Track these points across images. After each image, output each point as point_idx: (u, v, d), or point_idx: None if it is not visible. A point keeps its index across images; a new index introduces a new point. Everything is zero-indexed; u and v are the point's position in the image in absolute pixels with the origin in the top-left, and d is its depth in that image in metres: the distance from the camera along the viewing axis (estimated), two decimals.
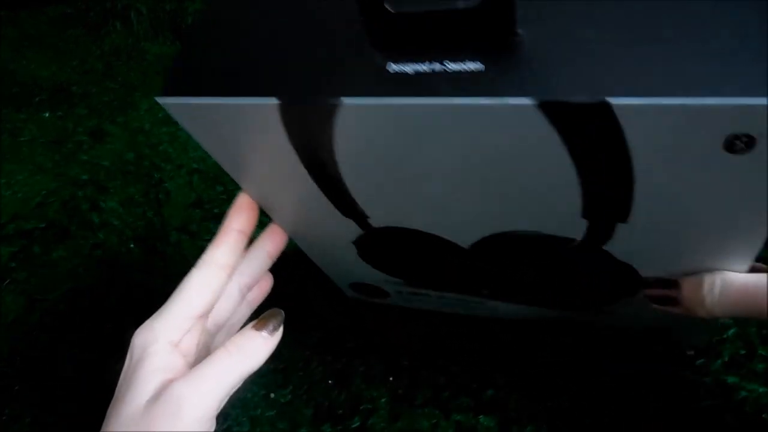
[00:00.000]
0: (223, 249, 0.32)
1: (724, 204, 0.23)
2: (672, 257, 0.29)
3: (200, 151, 0.61)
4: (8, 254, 0.50)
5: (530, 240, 0.29)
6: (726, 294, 0.27)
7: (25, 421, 0.38)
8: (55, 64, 0.76)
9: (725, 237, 0.26)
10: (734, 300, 0.27)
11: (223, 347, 0.29)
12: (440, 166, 0.25)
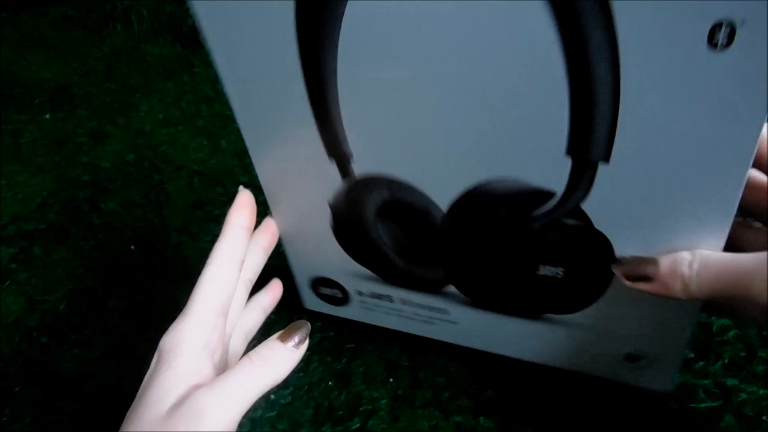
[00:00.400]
0: (231, 243, 0.33)
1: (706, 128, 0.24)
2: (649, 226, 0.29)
3: (201, 153, 0.61)
4: (9, 255, 0.50)
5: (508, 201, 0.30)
6: (705, 270, 0.27)
7: (25, 421, 0.38)
8: (56, 66, 0.76)
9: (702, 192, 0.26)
10: (713, 277, 0.27)
11: (248, 357, 0.29)
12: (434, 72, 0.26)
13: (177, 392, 0.27)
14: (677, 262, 0.28)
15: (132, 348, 0.43)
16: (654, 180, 0.27)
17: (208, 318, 0.30)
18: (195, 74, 0.73)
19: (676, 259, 0.28)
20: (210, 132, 0.63)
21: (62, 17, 0.86)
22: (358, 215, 0.35)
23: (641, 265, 0.30)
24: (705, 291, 0.28)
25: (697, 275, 0.28)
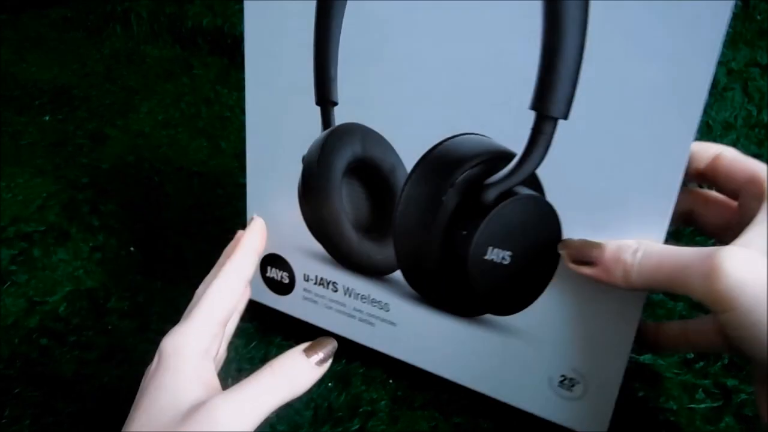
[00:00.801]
0: (243, 261, 0.34)
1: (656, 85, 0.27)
2: (597, 206, 0.29)
3: (200, 154, 0.61)
4: (8, 257, 0.50)
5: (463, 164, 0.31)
6: (647, 260, 0.28)
7: (24, 423, 0.38)
8: (55, 67, 0.76)
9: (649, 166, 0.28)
10: (654, 267, 0.28)
11: (269, 367, 0.29)
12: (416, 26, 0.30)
13: (190, 397, 0.27)
14: (621, 249, 0.29)
15: (132, 349, 0.43)
16: (606, 148, 0.28)
17: (211, 327, 0.31)
18: (194, 76, 0.73)
19: (621, 246, 0.29)
20: (210, 133, 0.63)
21: (62, 19, 0.86)
22: (326, 169, 0.35)
23: (587, 248, 0.30)
24: (645, 281, 0.28)
25: (639, 264, 0.28)
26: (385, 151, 0.34)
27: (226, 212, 0.55)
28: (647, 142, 0.28)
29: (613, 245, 0.29)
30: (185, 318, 0.31)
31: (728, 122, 0.57)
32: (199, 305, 0.31)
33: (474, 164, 0.31)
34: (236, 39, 0.76)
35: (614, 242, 0.29)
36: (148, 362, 0.42)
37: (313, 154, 0.36)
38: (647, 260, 0.28)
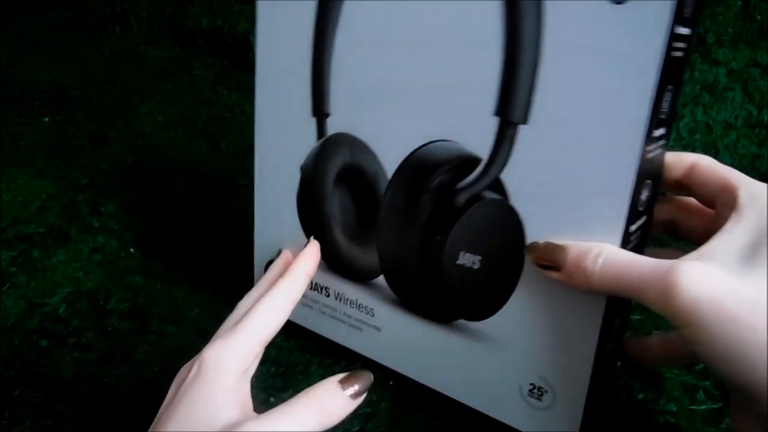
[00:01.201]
0: (294, 284, 0.33)
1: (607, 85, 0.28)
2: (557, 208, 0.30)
3: (200, 155, 0.61)
4: (8, 258, 0.50)
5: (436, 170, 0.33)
6: (608, 266, 0.28)
7: (25, 424, 0.38)
8: (55, 68, 0.76)
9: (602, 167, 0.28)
10: (615, 275, 0.28)
11: (305, 396, 0.29)
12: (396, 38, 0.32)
13: (226, 416, 0.27)
14: (582, 255, 0.29)
15: (132, 351, 0.43)
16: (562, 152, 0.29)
17: (255, 346, 0.31)
18: (194, 76, 0.73)
19: (582, 252, 0.29)
20: (209, 134, 0.63)
21: (61, 20, 0.87)
22: (318, 177, 0.37)
23: (551, 251, 0.30)
24: (606, 288, 0.28)
25: (600, 271, 0.28)
26: (370, 160, 0.35)
27: (226, 212, 0.55)
28: (599, 145, 0.29)
29: (575, 250, 0.29)
30: (230, 331, 0.31)
31: (728, 122, 0.57)
32: (245, 321, 0.31)
33: (445, 170, 0.33)
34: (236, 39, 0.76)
35: (577, 246, 0.29)
36: (148, 363, 0.42)
37: (307, 163, 0.38)
38: (608, 268, 0.28)
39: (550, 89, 0.29)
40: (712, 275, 0.26)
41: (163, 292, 0.47)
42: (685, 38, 0.28)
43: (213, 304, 0.46)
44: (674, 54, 0.27)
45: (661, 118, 0.29)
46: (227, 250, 0.51)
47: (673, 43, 0.27)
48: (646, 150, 0.28)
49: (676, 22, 0.26)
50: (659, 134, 0.29)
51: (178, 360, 0.31)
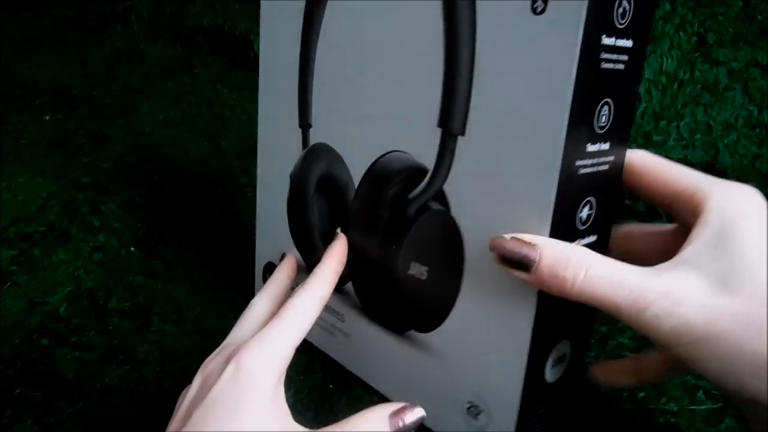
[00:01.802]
0: (323, 284, 0.33)
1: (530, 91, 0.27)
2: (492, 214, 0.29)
3: (201, 154, 0.61)
4: (9, 257, 0.50)
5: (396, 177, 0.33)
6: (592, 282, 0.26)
7: (26, 423, 0.38)
8: (56, 67, 0.76)
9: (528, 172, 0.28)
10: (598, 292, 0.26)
11: (350, 425, 0.29)
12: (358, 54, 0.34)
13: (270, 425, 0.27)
14: (562, 262, 0.27)
15: (132, 350, 0.43)
16: (495, 164, 0.29)
17: (288, 350, 0.30)
18: (195, 75, 0.73)
19: (561, 258, 0.27)
20: (210, 133, 0.63)
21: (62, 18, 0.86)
22: (300, 185, 0.38)
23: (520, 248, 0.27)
24: (583, 299, 0.27)
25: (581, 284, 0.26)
26: (342, 170, 0.36)
27: (227, 211, 0.55)
28: (525, 159, 0.28)
29: (550, 253, 0.27)
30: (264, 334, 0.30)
31: (729, 122, 0.57)
32: (278, 323, 0.30)
33: (400, 181, 0.33)
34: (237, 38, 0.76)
35: (552, 249, 0.27)
36: (148, 362, 0.42)
37: (293, 171, 0.39)
38: (591, 284, 0.26)
39: (481, 101, 0.29)
40: (697, 293, 0.25)
41: (163, 292, 0.47)
42: (622, 50, 0.27)
43: (214, 304, 0.46)
44: (606, 66, 0.27)
45: (599, 133, 0.28)
46: (228, 249, 0.51)
47: (601, 54, 0.26)
48: (574, 165, 0.27)
49: (603, 32, 0.26)
50: (597, 149, 0.28)
51: (179, 359, 0.31)
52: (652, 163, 0.30)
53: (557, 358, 0.31)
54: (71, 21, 0.86)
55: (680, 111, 0.56)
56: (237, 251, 0.51)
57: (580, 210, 0.29)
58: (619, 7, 0.26)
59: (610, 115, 0.28)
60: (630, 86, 0.28)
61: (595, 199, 0.29)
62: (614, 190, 0.30)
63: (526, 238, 0.28)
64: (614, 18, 0.26)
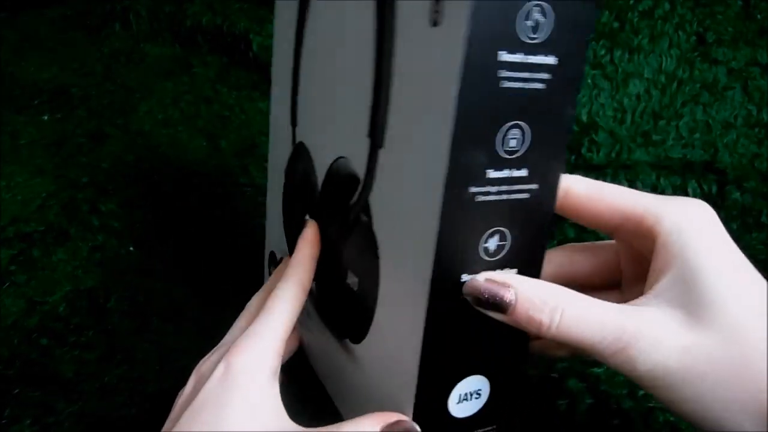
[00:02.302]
0: (300, 269, 0.33)
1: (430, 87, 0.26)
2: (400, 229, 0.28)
3: (200, 154, 0.61)
4: (8, 257, 0.50)
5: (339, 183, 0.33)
6: (568, 325, 0.26)
7: (25, 423, 0.38)
8: (54, 66, 0.76)
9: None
10: (574, 335, 0.26)
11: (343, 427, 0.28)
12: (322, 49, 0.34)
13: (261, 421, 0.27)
14: (538, 306, 0.26)
15: (132, 349, 0.43)
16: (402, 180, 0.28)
17: (278, 344, 0.30)
18: (194, 74, 0.73)
19: (536, 302, 0.26)
20: (209, 132, 0.63)
21: (61, 18, 0.86)
22: (287, 183, 0.39)
23: (495, 292, 0.27)
24: (560, 340, 0.26)
25: (557, 329, 0.26)
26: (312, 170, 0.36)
27: (226, 211, 0.55)
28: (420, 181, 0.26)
29: (525, 297, 0.26)
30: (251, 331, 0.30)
31: (728, 121, 0.57)
32: (264, 318, 0.30)
33: (342, 187, 0.33)
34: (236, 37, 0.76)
35: (527, 291, 0.26)
36: (148, 362, 0.42)
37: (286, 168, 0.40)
38: (567, 328, 0.26)
39: (391, 116, 0.28)
40: (671, 333, 0.25)
41: (163, 291, 0.47)
42: (539, 67, 0.25)
43: (213, 303, 0.46)
44: (511, 85, 0.24)
45: (508, 158, 0.26)
46: (227, 248, 0.51)
47: (500, 72, 0.24)
48: (466, 192, 0.25)
49: (501, 48, 0.23)
50: (507, 176, 0.26)
51: (178, 359, 0.31)
52: (593, 188, 0.30)
53: (468, 393, 0.30)
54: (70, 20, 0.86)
55: (679, 110, 0.56)
56: (237, 250, 0.51)
57: (484, 240, 0.27)
58: (526, 19, 0.24)
59: (524, 139, 0.26)
60: (557, 108, 0.26)
61: (508, 230, 0.27)
62: (540, 220, 0.28)
63: (498, 278, 0.27)
64: (518, 32, 0.24)
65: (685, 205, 0.28)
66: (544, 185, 0.27)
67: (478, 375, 0.30)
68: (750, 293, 0.26)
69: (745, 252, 0.27)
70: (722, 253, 0.27)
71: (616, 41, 0.56)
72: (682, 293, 0.26)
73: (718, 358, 0.25)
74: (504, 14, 0.23)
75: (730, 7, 0.59)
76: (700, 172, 0.54)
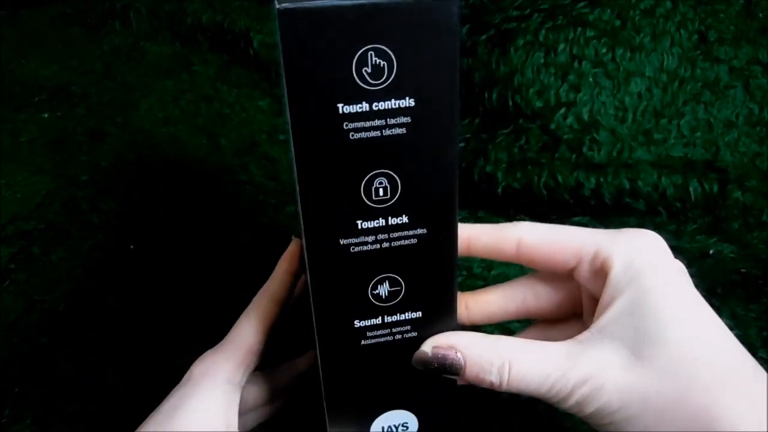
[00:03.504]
0: (274, 283, 0.33)
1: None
2: None
3: (200, 152, 0.61)
4: (8, 255, 0.50)
5: None
6: (516, 381, 0.27)
7: (25, 422, 0.38)
8: (54, 64, 0.76)
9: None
10: (525, 388, 0.27)
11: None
12: None
13: (208, 426, 0.28)
14: (485, 369, 0.27)
15: (132, 348, 0.43)
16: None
17: (243, 356, 0.30)
18: (194, 72, 0.73)
19: (483, 364, 0.27)
20: (210, 131, 0.63)
21: (61, 15, 0.86)
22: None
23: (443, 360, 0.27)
24: (514, 392, 0.27)
25: (507, 386, 0.27)
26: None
27: (226, 210, 0.55)
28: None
29: (472, 360, 0.27)
30: (220, 344, 0.31)
31: (730, 120, 0.57)
32: (233, 330, 0.31)
33: None
34: (236, 35, 0.75)
35: (473, 354, 0.27)
36: (148, 362, 0.42)
37: None
38: (516, 383, 0.27)
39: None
40: (614, 373, 0.26)
41: (163, 290, 0.47)
42: (393, 113, 0.23)
43: (213, 302, 0.46)
44: (361, 136, 0.23)
45: (379, 207, 0.25)
46: (228, 247, 0.51)
47: (345, 124, 0.23)
48: (336, 244, 0.25)
49: (338, 101, 0.22)
50: (382, 225, 0.26)
51: (179, 358, 0.31)
52: (545, 232, 0.30)
53: (392, 426, 0.31)
54: (70, 18, 0.85)
55: (681, 109, 0.56)
56: (237, 248, 0.51)
57: (372, 288, 0.27)
58: (362, 66, 0.22)
59: (394, 186, 0.25)
60: (428, 150, 0.24)
61: (400, 276, 0.27)
62: (438, 263, 0.27)
63: (443, 343, 0.28)
64: (357, 80, 0.22)
65: (637, 237, 0.29)
66: (434, 229, 0.26)
67: (399, 410, 0.30)
68: (695, 327, 0.26)
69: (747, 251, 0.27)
70: (668, 288, 0.27)
71: (617, 39, 0.56)
72: (627, 328, 0.26)
73: (658, 395, 0.25)
74: (335, 66, 0.22)
75: (732, 6, 0.59)
76: (701, 170, 0.54)
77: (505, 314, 0.33)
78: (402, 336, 0.29)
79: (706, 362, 0.25)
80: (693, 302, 0.27)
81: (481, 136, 0.58)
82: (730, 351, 0.26)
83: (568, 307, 0.32)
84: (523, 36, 0.57)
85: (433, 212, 0.26)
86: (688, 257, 0.48)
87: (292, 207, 0.55)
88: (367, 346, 0.28)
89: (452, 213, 0.26)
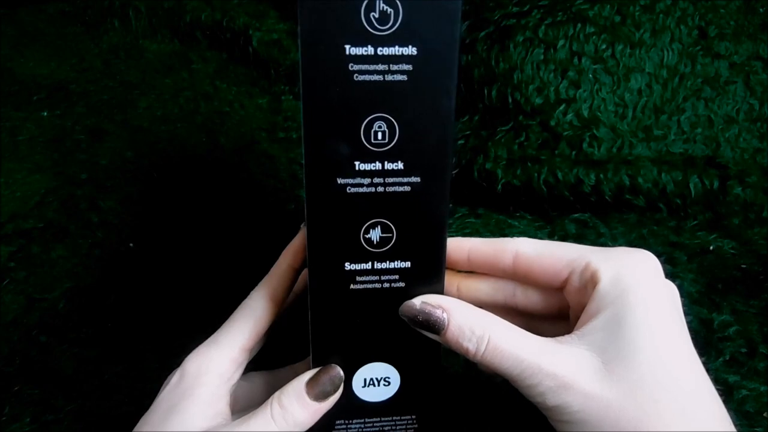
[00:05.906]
0: (273, 279, 0.33)
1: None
2: None
3: (199, 150, 0.61)
4: (7, 254, 0.50)
5: None
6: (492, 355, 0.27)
7: (24, 420, 0.38)
8: (53, 62, 0.76)
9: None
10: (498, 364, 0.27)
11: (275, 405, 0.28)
12: None
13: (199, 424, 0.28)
14: (465, 334, 0.28)
15: (131, 347, 0.43)
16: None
17: (235, 353, 0.30)
18: (193, 70, 0.73)
19: (464, 329, 0.28)
20: (209, 128, 0.63)
21: (60, 13, 0.86)
22: None
23: (428, 314, 0.28)
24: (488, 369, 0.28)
25: (482, 357, 0.28)
26: None
27: (226, 208, 0.55)
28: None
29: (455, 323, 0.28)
30: (212, 338, 0.31)
31: (730, 116, 0.57)
32: (226, 327, 0.31)
33: None
34: (235, 33, 0.75)
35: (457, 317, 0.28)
36: (147, 360, 0.42)
37: None
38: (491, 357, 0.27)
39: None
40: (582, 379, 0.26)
41: (162, 289, 0.47)
42: (396, 59, 0.25)
43: (213, 300, 0.46)
44: (365, 78, 0.25)
45: (376, 151, 0.26)
46: (227, 245, 0.51)
47: (350, 65, 0.24)
48: (334, 183, 0.26)
49: (345, 42, 0.24)
50: (378, 168, 0.27)
51: (178, 356, 0.31)
52: (541, 246, 0.31)
53: (374, 379, 0.31)
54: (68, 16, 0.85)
55: (681, 105, 0.56)
56: (236, 246, 0.51)
57: (365, 231, 0.28)
58: (370, 11, 0.24)
59: (392, 132, 0.26)
60: (427, 100, 0.26)
61: (392, 223, 0.28)
62: (430, 214, 0.28)
63: (433, 301, 0.28)
64: (364, 24, 0.24)
65: (629, 255, 0.29)
66: (427, 179, 0.27)
67: (382, 363, 0.31)
68: (666, 354, 0.27)
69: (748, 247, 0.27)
70: (650, 310, 0.27)
71: (617, 35, 0.56)
72: (604, 341, 0.27)
73: (619, 411, 0.26)
74: (345, 8, 0.23)
75: (732, 1, 0.59)
76: (701, 167, 0.54)
77: (493, 303, 0.33)
78: (390, 285, 0.29)
79: (670, 391, 0.26)
80: (671, 327, 0.28)
81: (481, 133, 0.58)
82: (695, 382, 0.27)
83: (554, 311, 0.33)
84: (523, 32, 0.57)
85: (427, 162, 0.27)
86: (689, 253, 0.48)
87: (292, 205, 0.55)
88: (356, 290, 0.29)
89: (445, 165, 0.27)
